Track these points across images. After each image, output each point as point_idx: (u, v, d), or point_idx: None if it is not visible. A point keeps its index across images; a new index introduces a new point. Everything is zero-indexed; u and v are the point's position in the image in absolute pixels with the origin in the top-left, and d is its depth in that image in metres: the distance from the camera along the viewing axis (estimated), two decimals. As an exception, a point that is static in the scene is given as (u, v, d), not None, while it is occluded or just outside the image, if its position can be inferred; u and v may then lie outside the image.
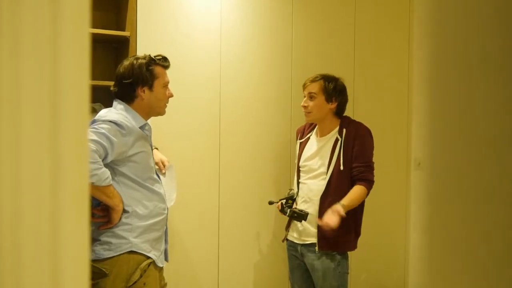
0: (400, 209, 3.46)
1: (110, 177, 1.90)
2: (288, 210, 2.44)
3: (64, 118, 0.51)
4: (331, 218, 2.29)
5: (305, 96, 2.55)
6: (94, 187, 1.84)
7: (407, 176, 3.46)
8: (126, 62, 2.08)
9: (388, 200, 3.38)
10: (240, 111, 2.96)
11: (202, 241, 2.87)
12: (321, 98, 2.50)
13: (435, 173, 0.60)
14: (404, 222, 3.48)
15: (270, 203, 2.69)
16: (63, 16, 0.51)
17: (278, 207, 2.56)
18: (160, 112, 2.15)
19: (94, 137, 1.84)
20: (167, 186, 2.23)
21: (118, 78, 2.08)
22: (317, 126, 2.62)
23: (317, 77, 2.54)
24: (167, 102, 2.16)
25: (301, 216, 2.41)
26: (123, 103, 2.06)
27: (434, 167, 0.60)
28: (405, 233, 3.49)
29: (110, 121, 1.92)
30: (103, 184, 1.86)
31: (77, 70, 0.52)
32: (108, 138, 1.88)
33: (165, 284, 2.20)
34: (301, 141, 2.68)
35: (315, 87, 2.51)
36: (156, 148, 2.39)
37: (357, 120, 2.63)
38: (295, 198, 2.53)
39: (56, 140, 0.51)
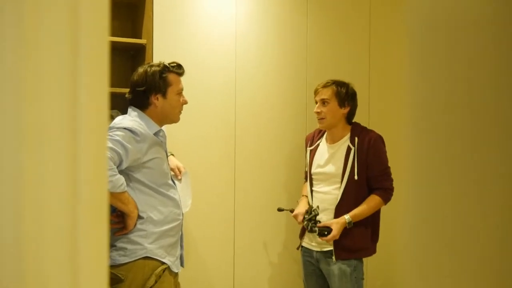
0: (416, 215, 3.42)
1: (125, 183, 1.91)
2: (317, 229, 2.42)
3: (84, 126, 0.52)
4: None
5: (317, 102, 2.54)
6: (109, 193, 1.86)
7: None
8: (140, 70, 2.09)
9: (404, 206, 3.34)
10: (255, 117, 2.96)
11: (217, 247, 2.86)
12: (334, 103, 2.49)
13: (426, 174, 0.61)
14: (420, 229, 3.44)
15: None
16: (83, 25, 0.51)
17: (300, 221, 2.53)
18: (174, 119, 2.15)
19: (109, 144, 1.86)
20: (183, 192, 2.24)
21: (132, 86, 2.09)
22: (326, 133, 2.60)
23: (328, 82, 2.53)
24: (181, 110, 2.16)
25: (329, 232, 2.41)
26: (137, 110, 2.07)
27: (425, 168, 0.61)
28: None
29: (125, 128, 1.93)
30: (118, 190, 1.88)
31: (97, 78, 0.52)
32: (122, 145, 1.89)
33: (180, 290, 2.21)
34: (311, 148, 2.66)
35: (327, 93, 2.49)
36: (172, 155, 2.40)
37: (373, 125, 2.61)
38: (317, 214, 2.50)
39: (76, 147, 0.51)
